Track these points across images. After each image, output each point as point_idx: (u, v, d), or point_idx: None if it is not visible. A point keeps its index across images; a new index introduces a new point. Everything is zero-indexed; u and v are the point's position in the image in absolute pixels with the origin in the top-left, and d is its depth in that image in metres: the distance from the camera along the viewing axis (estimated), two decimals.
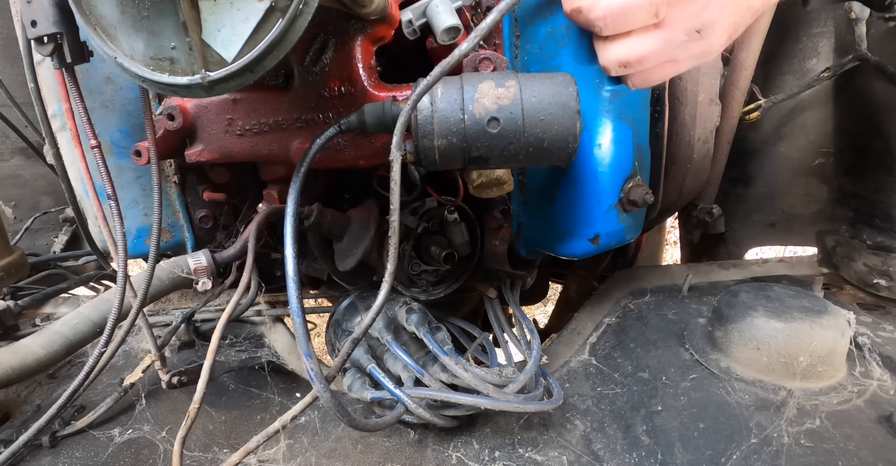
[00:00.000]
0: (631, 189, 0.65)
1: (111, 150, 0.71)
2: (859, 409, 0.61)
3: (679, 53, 0.52)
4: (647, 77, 0.56)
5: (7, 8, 0.73)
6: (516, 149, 0.47)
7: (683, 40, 0.51)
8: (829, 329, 0.64)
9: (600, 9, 0.50)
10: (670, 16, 0.49)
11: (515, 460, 0.63)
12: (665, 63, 0.53)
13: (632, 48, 0.52)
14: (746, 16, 0.51)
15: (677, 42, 0.51)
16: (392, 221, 0.44)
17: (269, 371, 0.84)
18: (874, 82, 0.90)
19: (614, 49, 0.53)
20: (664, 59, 0.53)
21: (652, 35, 0.51)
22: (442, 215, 0.74)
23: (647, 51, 0.52)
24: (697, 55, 0.52)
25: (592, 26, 0.53)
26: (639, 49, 0.52)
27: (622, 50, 0.53)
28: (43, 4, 0.50)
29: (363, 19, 0.54)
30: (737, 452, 0.56)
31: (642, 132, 0.70)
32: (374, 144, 0.60)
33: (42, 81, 0.68)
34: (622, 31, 0.52)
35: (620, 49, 0.53)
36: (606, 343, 0.83)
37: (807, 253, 1.13)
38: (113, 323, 0.62)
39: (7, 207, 1.43)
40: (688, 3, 0.48)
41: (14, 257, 0.96)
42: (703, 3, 0.48)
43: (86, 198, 0.76)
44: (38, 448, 0.69)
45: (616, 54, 0.54)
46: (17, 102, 1.25)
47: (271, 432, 0.56)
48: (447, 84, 0.48)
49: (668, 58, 0.53)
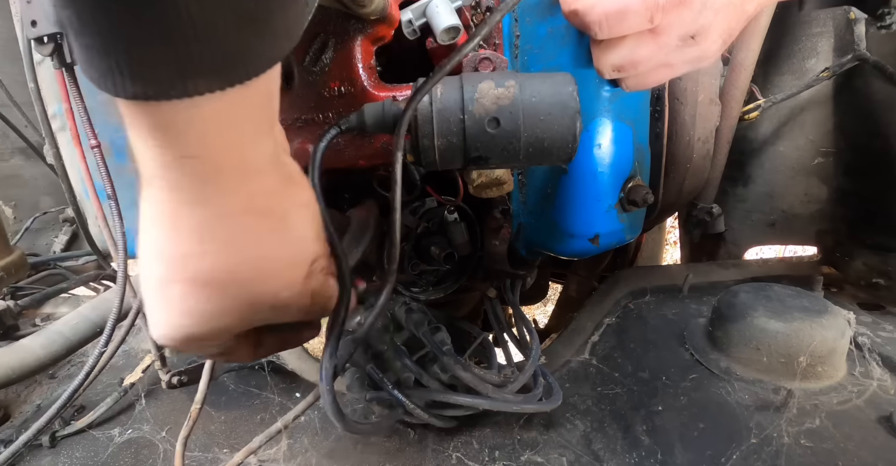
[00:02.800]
0: (631, 189, 0.65)
1: (111, 150, 0.70)
2: (859, 409, 0.61)
3: (674, 58, 0.52)
4: (641, 81, 0.56)
5: (7, 8, 0.73)
6: (516, 149, 0.47)
7: (678, 45, 0.51)
8: (829, 329, 0.64)
9: (596, 13, 0.50)
10: (665, 21, 0.49)
11: (515, 460, 0.63)
12: (660, 67, 0.53)
13: (626, 53, 0.52)
14: (741, 21, 0.51)
15: (672, 47, 0.51)
16: (393, 221, 0.44)
17: (268, 371, 0.84)
18: (873, 82, 0.90)
19: (609, 53, 0.54)
20: (659, 63, 0.53)
21: (647, 40, 0.51)
22: (442, 215, 0.74)
23: (642, 56, 0.52)
24: (692, 60, 0.53)
25: (588, 30, 0.53)
26: (633, 54, 0.52)
27: (617, 54, 0.53)
28: (43, 4, 0.50)
29: (363, 19, 0.54)
30: (737, 452, 0.56)
31: (642, 132, 0.70)
32: (373, 144, 0.60)
33: (42, 81, 0.68)
34: (617, 35, 0.52)
35: (615, 53, 0.53)
36: (606, 343, 0.83)
37: (807, 253, 1.13)
38: (113, 323, 0.62)
39: (7, 207, 1.43)
40: (683, 9, 0.48)
41: (14, 257, 0.96)
42: (698, 8, 0.48)
43: (86, 198, 0.76)
44: (38, 447, 0.69)
45: (611, 58, 0.54)
46: (17, 102, 1.25)
47: (273, 432, 0.56)
48: (447, 84, 0.48)
49: (662, 62, 0.53)
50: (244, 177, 0.30)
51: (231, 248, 0.32)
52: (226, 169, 0.29)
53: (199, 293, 0.32)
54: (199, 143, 0.27)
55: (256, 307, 0.34)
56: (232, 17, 0.22)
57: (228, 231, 0.31)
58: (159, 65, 0.22)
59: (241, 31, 0.23)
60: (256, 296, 0.34)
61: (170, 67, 0.22)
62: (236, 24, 0.22)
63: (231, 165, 0.29)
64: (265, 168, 0.32)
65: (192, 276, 0.32)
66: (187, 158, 0.27)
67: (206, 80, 0.23)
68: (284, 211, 0.34)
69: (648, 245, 1.43)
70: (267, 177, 0.32)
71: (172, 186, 0.29)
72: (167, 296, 0.33)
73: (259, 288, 0.34)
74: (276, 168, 0.33)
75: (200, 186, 0.29)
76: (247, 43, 0.24)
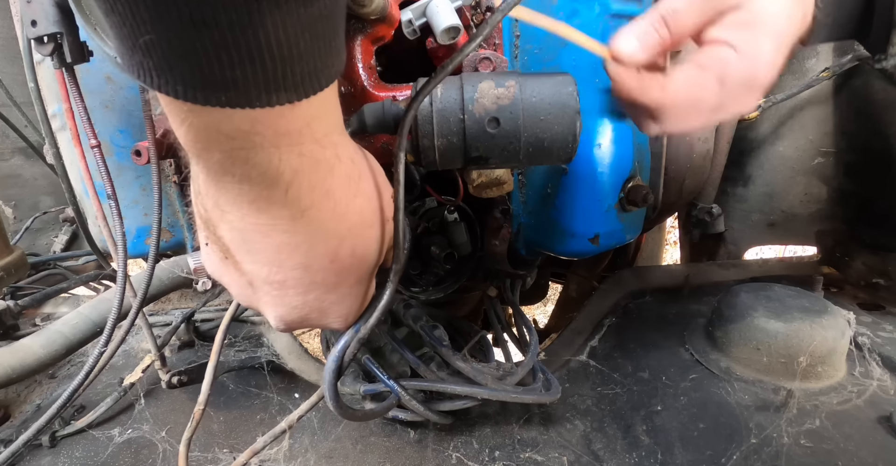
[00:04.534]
0: (631, 189, 0.65)
1: (111, 150, 0.71)
2: (859, 409, 0.61)
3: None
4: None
5: (7, 8, 0.73)
6: (516, 149, 0.47)
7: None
8: (829, 329, 0.64)
9: (668, 110, 0.50)
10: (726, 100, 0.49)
11: (515, 460, 0.63)
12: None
13: (679, 126, 0.52)
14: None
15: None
16: (396, 221, 0.44)
17: (268, 371, 0.84)
18: (873, 82, 0.90)
19: (661, 127, 0.53)
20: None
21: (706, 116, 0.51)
22: (442, 215, 0.74)
23: (693, 127, 0.52)
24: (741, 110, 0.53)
25: (658, 125, 0.53)
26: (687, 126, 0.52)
27: (670, 127, 0.52)
28: (43, 4, 0.50)
29: (363, 19, 0.54)
30: (737, 452, 0.56)
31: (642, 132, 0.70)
32: (374, 144, 0.60)
33: (42, 80, 0.68)
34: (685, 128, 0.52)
35: (668, 126, 0.52)
36: (606, 343, 0.83)
37: (807, 253, 1.13)
38: (113, 323, 0.62)
39: (7, 207, 1.43)
40: (748, 96, 0.48)
41: (14, 257, 0.96)
42: (759, 90, 0.48)
43: (86, 198, 0.76)
44: (38, 447, 0.69)
45: (662, 129, 0.53)
46: (17, 102, 1.25)
47: (277, 432, 0.56)
48: (447, 84, 0.48)
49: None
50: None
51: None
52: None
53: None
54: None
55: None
56: (311, 40, 0.25)
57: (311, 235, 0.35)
58: (247, 82, 0.25)
59: (317, 51, 0.26)
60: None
61: (258, 84, 0.25)
62: (313, 46, 0.25)
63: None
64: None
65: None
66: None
67: (287, 93, 0.26)
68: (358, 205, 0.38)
69: (648, 245, 1.43)
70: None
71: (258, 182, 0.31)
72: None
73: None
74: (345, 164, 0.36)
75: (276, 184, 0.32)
76: (323, 60, 0.27)
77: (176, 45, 0.22)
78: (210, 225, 0.36)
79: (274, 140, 0.29)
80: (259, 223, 0.34)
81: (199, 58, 0.23)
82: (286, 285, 0.38)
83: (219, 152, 0.29)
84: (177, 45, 0.22)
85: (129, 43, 0.23)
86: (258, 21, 0.22)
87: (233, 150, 0.29)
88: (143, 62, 0.24)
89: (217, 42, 0.22)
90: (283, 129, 0.29)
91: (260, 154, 0.29)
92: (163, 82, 0.24)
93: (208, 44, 0.22)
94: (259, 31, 0.23)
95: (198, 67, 0.23)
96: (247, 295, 0.40)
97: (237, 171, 0.30)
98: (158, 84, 0.24)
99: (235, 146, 0.29)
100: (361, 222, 0.38)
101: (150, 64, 0.24)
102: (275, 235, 0.34)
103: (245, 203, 0.33)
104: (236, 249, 0.36)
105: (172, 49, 0.23)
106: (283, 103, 0.26)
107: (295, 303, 0.39)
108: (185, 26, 0.22)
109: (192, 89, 0.24)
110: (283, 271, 0.37)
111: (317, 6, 0.24)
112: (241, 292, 0.41)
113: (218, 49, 0.23)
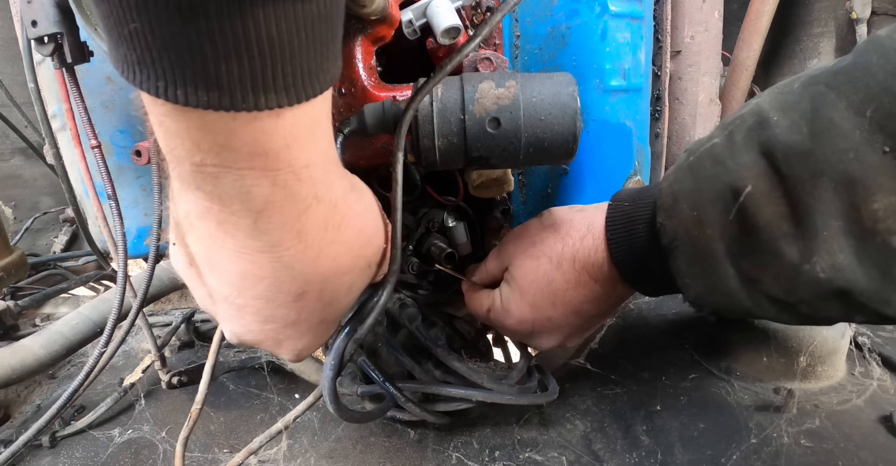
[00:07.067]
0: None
1: (111, 150, 0.71)
2: (859, 409, 0.61)
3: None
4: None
5: (7, 8, 0.73)
6: (516, 149, 0.47)
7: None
8: (830, 329, 0.64)
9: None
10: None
11: (515, 460, 0.63)
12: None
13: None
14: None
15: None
16: (394, 221, 0.44)
17: (268, 371, 0.84)
18: None
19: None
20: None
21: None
22: (442, 216, 0.74)
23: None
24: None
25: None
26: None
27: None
28: (43, 4, 0.50)
29: (363, 19, 0.54)
30: (737, 452, 0.56)
31: (642, 132, 0.70)
32: (374, 144, 0.60)
33: (42, 81, 0.68)
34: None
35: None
36: (606, 344, 0.83)
37: None
38: (113, 323, 0.62)
39: (7, 207, 1.43)
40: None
41: (14, 257, 0.96)
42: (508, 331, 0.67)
43: (86, 198, 0.76)
44: (38, 448, 0.68)
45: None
46: (17, 102, 1.25)
47: (274, 432, 0.56)
48: (447, 84, 0.48)
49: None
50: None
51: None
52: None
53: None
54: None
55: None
56: (307, 39, 0.23)
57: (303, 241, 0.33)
58: (233, 79, 0.23)
59: (312, 52, 0.24)
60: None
61: (244, 82, 0.23)
62: (309, 46, 0.24)
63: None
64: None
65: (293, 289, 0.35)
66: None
67: (277, 96, 0.24)
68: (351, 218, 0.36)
69: None
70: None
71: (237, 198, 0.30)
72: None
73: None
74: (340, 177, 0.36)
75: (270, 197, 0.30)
76: (318, 63, 0.25)
77: (160, 35, 0.21)
78: (180, 231, 0.35)
79: (248, 160, 0.27)
80: (225, 248, 0.32)
81: (182, 49, 0.22)
82: (245, 310, 0.36)
83: (189, 164, 0.28)
84: (161, 35, 0.21)
85: (115, 34, 0.22)
86: (249, 12, 0.21)
87: (203, 165, 0.27)
88: (127, 55, 0.23)
89: (203, 31, 0.21)
90: (261, 148, 0.27)
91: (232, 174, 0.28)
92: (144, 77, 0.23)
93: (193, 33, 0.21)
94: (249, 22, 0.21)
95: (181, 60, 0.22)
96: (207, 304, 0.39)
97: (207, 187, 0.29)
98: (140, 80, 0.23)
99: (207, 162, 0.27)
100: (335, 270, 0.36)
101: (133, 57, 0.22)
102: (240, 262, 0.33)
103: (213, 223, 0.31)
104: (201, 262, 0.35)
105: (156, 38, 0.21)
106: (272, 107, 0.24)
107: (251, 328, 0.38)
108: (172, 12, 0.20)
109: (174, 86, 0.23)
110: (244, 298, 0.35)
111: (315, 4, 0.23)
112: (202, 300, 0.40)
113: (203, 39, 0.21)
